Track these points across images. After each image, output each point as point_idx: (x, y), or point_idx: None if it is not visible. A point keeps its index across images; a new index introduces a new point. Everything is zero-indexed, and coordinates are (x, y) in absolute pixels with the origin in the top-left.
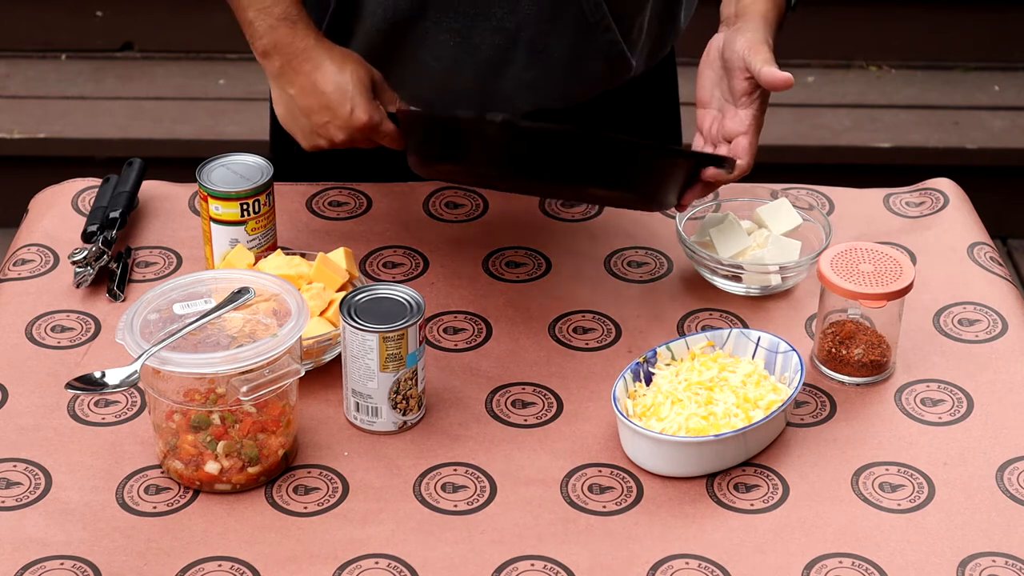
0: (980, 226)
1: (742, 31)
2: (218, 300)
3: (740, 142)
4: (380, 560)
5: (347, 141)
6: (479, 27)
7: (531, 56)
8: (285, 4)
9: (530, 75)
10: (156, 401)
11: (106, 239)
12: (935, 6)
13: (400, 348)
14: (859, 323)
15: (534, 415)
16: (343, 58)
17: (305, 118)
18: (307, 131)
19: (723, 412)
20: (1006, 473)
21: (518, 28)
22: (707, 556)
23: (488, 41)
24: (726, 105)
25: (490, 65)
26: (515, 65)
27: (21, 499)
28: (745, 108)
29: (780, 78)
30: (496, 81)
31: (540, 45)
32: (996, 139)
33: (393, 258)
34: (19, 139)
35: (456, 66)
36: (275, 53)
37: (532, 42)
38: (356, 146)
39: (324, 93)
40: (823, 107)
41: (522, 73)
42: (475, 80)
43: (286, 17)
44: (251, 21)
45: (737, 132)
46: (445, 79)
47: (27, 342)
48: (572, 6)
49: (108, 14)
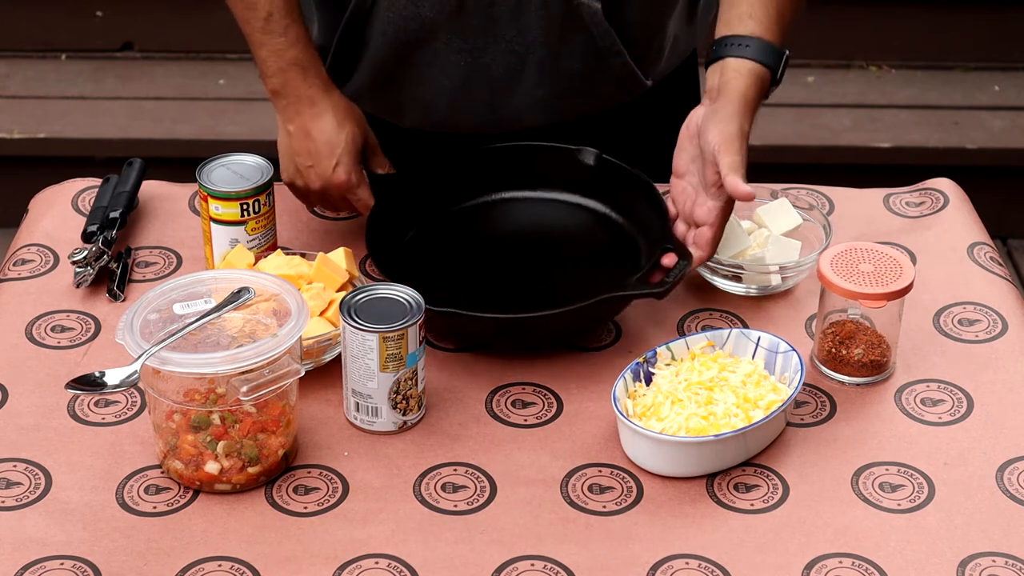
0: (980, 226)
1: (717, 118)
2: (218, 300)
3: (703, 233)
4: (380, 560)
5: (320, 193)
6: (490, 49)
7: (541, 76)
8: (298, 49)
9: (541, 93)
10: (156, 401)
11: (106, 239)
12: (935, 6)
13: (400, 348)
14: (859, 323)
15: (534, 415)
16: (345, 115)
17: (294, 155)
18: (290, 167)
19: (723, 412)
20: (1006, 473)
21: (527, 51)
22: (707, 556)
23: (499, 61)
24: (698, 188)
25: (501, 83)
26: (526, 84)
27: (21, 499)
28: (714, 199)
29: (742, 192)
30: (508, 98)
31: (550, 66)
32: (996, 139)
33: None
34: (19, 139)
35: (467, 84)
36: (283, 94)
37: (542, 63)
38: (326, 202)
39: (316, 141)
40: (823, 107)
41: (533, 91)
42: (487, 96)
43: (297, 63)
44: (264, 59)
45: (703, 222)
46: (456, 95)
47: (27, 342)
48: (581, 32)
49: (108, 14)
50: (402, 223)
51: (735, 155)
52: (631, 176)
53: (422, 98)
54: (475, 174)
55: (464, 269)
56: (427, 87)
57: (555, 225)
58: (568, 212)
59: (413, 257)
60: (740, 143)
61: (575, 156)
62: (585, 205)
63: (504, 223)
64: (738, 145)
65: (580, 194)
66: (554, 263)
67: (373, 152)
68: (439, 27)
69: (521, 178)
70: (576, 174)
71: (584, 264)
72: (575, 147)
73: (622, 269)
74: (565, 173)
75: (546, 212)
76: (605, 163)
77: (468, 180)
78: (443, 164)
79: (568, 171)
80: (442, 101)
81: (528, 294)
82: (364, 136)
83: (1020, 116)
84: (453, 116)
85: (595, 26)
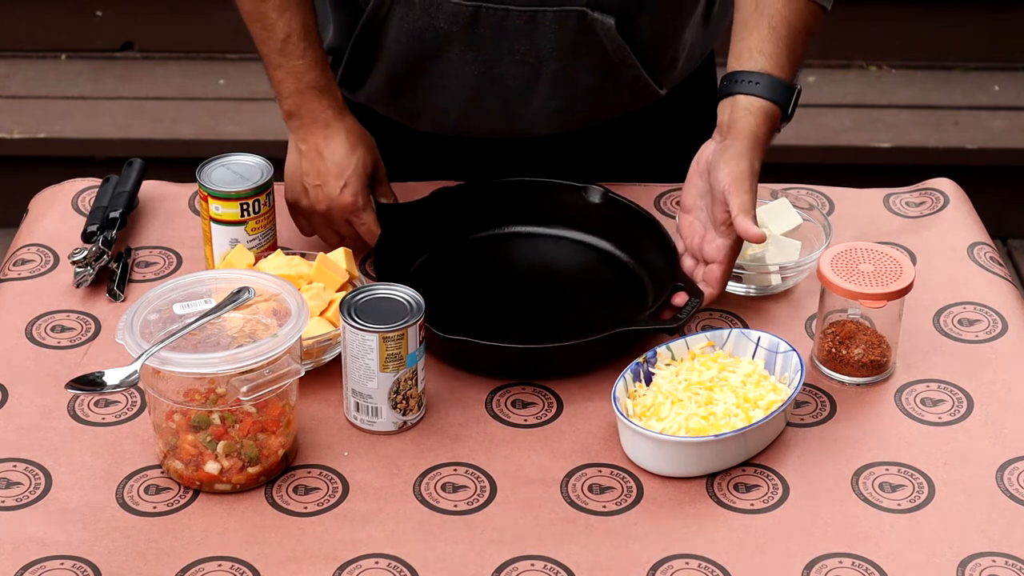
0: (980, 226)
1: (727, 156)
2: (218, 300)
3: (713, 271)
4: (380, 560)
5: (324, 215)
6: (503, 60)
7: (555, 88)
8: (316, 72)
9: (554, 104)
10: (156, 401)
11: (106, 239)
12: (935, 6)
13: (400, 348)
14: (859, 323)
15: (534, 415)
16: (357, 140)
17: (303, 175)
18: (296, 186)
19: (723, 412)
20: (1006, 473)
21: (541, 63)
22: (707, 556)
23: (512, 73)
24: (707, 225)
25: (515, 94)
26: (539, 95)
27: (21, 499)
28: (723, 237)
29: (752, 234)
30: (521, 108)
31: (564, 77)
32: (996, 139)
33: None
34: (19, 139)
35: (481, 94)
36: (298, 116)
37: (556, 75)
38: (327, 225)
39: (326, 162)
40: (823, 107)
41: (546, 102)
42: (500, 106)
43: (315, 86)
44: (280, 81)
45: (713, 259)
46: (470, 104)
47: (27, 342)
48: (594, 45)
49: (108, 14)
50: (407, 253)
51: (745, 195)
52: (637, 214)
53: (436, 105)
54: (482, 208)
55: (469, 302)
56: (441, 95)
57: (560, 262)
58: (573, 249)
59: (418, 288)
60: (750, 182)
61: (581, 194)
62: (591, 243)
63: (509, 258)
64: (748, 184)
65: (586, 231)
66: (559, 299)
67: (380, 181)
68: (453, 38)
69: (527, 214)
70: (582, 211)
71: (590, 301)
72: (581, 185)
73: (628, 307)
74: (571, 210)
75: (551, 249)
76: (611, 201)
77: (474, 214)
78: (450, 197)
79: (574, 208)
80: (456, 109)
81: (535, 328)
82: (374, 163)
83: (1020, 116)
84: (467, 123)
85: (608, 40)
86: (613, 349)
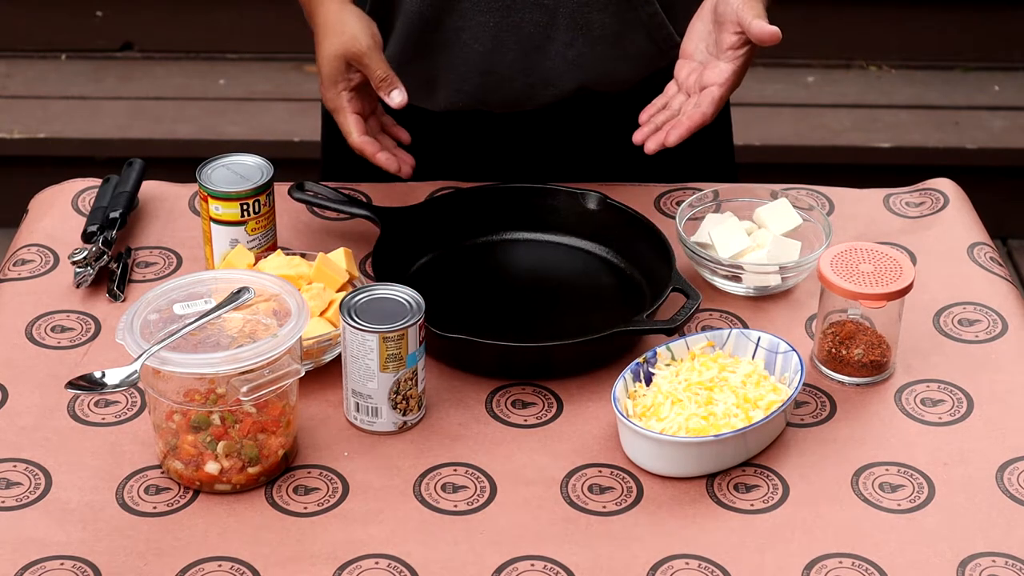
0: (980, 226)
1: None
2: (218, 300)
3: (711, 91)
4: (380, 560)
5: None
6: (518, 5)
7: (573, 32)
8: None
9: (573, 53)
10: (156, 401)
11: (106, 239)
12: (935, 6)
13: (400, 348)
14: (859, 323)
15: (534, 415)
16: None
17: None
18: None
19: (723, 412)
20: (1006, 473)
21: (557, 4)
22: (707, 556)
23: (528, 18)
24: (709, 58)
25: (532, 44)
26: (557, 43)
27: (21, 499)
28: (728, 62)
29: (768, 32)
30: (540, 60)
31: (581, 21)
32: (996, 139)
33: None
34: (19, 139)
35: (498, 47)
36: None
37: (572, 17)
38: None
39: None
40: (823, 107)
41: (565, 51)
42: (518, 60)
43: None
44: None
45: (712, 83)
46: (488, 61)
47: (27, 342)
48: None
49: (108, 14)
50: (406, 257)
51: (759, 10)
52: (635, 219)
53: (454, 68)
54: (480, 213)
55: (468, 304)
56: (458, 54)
57: (559, 267)
58: (570, 255)
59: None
60: (760, 6)
61: (578, 199)
62: (588, 249)
63: (508, 263)
64: (760, 6)
65: (583, 237)
66: (558, 303)
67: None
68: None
69: (524, 219)
70: (579, 217)
71: (588, 304)
72: (579, 190)
73: (625, 311)
74: (568, 216)
75: (550, 254)
76: (609, 207)
77: (473, 219)
78: (448, 201)
79: (571, 214)
80: (474, 70)
81: (534, 329)
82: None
83: (1020, 116)
84: (485, 87)
85: None
86: (612, 349)
